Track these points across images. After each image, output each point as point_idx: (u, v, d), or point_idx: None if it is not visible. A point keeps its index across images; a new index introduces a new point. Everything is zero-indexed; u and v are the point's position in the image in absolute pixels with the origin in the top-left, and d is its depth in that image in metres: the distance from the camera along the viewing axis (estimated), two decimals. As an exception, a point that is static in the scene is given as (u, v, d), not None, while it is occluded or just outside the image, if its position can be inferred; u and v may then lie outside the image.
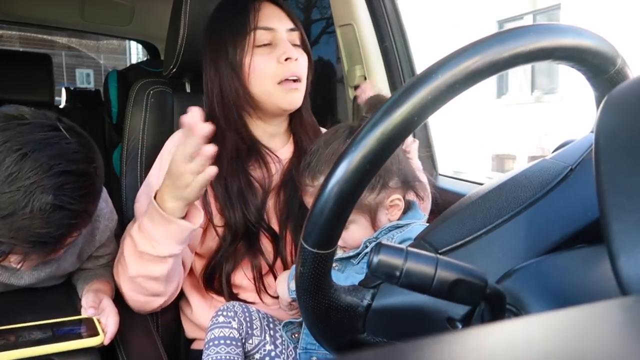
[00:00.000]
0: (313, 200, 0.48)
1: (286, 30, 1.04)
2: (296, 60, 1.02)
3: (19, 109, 0.74)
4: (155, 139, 1.15)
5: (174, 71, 1.17)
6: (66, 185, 0.70)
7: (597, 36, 0.48)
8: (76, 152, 0.73)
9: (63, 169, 0.70)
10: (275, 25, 1.03)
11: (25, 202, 0.67)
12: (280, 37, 1.03)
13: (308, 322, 0.56)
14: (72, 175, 0.71)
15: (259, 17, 1.03)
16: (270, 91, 1.02)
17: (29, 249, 0.72)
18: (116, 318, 0.86)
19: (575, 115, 5.77)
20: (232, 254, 1.00)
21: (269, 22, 1.03)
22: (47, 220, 0.69)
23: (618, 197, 0.34)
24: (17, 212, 0.68)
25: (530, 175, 0.57)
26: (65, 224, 0.72)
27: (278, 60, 1.01)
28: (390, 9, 1.45)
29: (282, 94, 1.02)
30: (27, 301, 0.93)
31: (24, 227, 0.68)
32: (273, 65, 1.01)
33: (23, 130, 0.70)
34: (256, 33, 1.02)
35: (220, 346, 0.88)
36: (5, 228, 0.68)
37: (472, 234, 0.54)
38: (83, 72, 9.94)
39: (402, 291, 0.48)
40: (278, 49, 1.02)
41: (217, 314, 0.92)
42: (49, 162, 0.69)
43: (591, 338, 0.23)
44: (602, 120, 0.39)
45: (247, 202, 1.00)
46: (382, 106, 0.45)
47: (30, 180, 0.67)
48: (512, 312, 0.45)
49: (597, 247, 0.45)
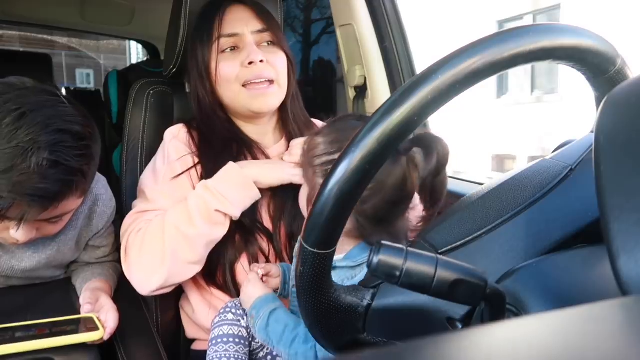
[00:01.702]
0: (313, 200, 0.48)
1: (251, 32, 1.04)
2: (262, 62, 1.01)
3: (21, 79, 0.78)
4: (155, 139, 1.15)
5: (174, 71, 1.17)
6: (62, 143, 0.73)
7: (597, 36, 0.48)
8: (72, 115, 0.77)
9: (59, 127, 0.74)
10: (239, 29, 1.03)
11: (23, 158, 0.70)
12: (245, 41, 1.03)
13: (308, 322, 0.56)
14: (68, 134, 0.75)
15: (223, 24, 1.03)
16: (237, 95, 1.03)
17: (27, 204, 0.73)
18: (115, 314, 0.86)
19: (575, 115, 5.78)
20: (231, 246, 1.00)
21: (233, 27, 1.03)
22: (44, 176, 0.72)
23: (618, 197, 0.34)
24: (16, 167, 0.70)
25: (530, 175, 0.57)
26: (61, 180, 0.74)
27: (242, 64, 1.02)
28: (390, 9, 1.45)
29: (249, 98, 1.03)
30: (26, 302, 0.93)
31: (22, 181, 0.71)
32: (237, 69, 1.02)
33: (22, 93, 0.75)
34: (220, 41, 1.03)
35: (229, 344, 0.87)
36: (4, 183, 0.71)
37: (472, 234, 0.54)
38: (83, 72, 9.93)
39: (402, 291, 0.48)
40: (242, 52, 1.02)
41: (226, 311, 0.91)
42: (46, 121, 0.73)
43: (591, 338, 0.23)
44: (602, 120, 0.39)
45: None
46: (382, 106, 0.45)
47: (28, 137, 0.71)
48: (512, 312, 0.45)
49: (597, 247, 0.45)
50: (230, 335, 0.88)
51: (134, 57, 8.13)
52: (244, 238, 1.01)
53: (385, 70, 1.46)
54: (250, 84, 1.02)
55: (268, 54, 1.04)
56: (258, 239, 1.02)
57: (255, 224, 1.02)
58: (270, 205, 1.04)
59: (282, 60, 1.06)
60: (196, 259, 0.95)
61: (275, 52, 1.05)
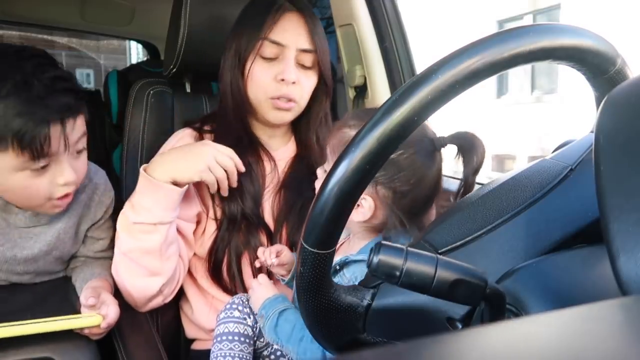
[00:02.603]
0: (313, 200, 0.48)
1: (297, 49, 0.99)
2: (293, 84, 0.99)
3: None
4: (155, 139, 1.15)
5: (174, 71, 1.17)
6: (60, 75, 0.83)
7: (597, 36, 0.48)
8: (60, 67, 0.86)
9: (46, 62, 0.83)
10: (286, 41, 0.99)
11: (38, 77, 0.79)
12: (287, 55, 0.99)
13: (308, 321, 0.56)
14: (57, 69, 0.84)
15: (274, 28, 0.99)
16: (261, 102, 1.02)
17: (59, 118, 0.80)
18: (116, 308, 0.87)
19: (575, 115, 5.78)
20: (234, 243, 1.00)
21: (281, 36, 0.99)
22: (58, 89, 0.80)
23: (618, 197, 0.34)
24: (33, 87, 0.79)
25: (530, 175, 0.57)
26: (72, 90, 0.83)
27: (275, 77, 0.99)
28: (390, 9, 1.45)
29: (271, 109, 1.02)
30: (27, 303, 0.93)
31: (45, 97, 0.79)
32: (268, 80, 1.00)
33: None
34: (264, 43, 0.99)
35: (234, 342, 0.87)
36: (38, 107, 0.78)
37: (472, 234, 0.54)
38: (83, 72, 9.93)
39: (402, 291, 0.48)
40: (279, 65, 0.99)
41: (232, 307, 0.91)
42: (35, 62, 0.82)
43: (591, 338, 0.23)
44: (602, 120, 0.39)
45: (243, 191, 1.01)
46: (382, 106, 0.45)
47: (19, 74, 0.78)
48: (512, 312, 0.45)
49: (597, 247, 0.45)
50: (236, 333, 0.88)
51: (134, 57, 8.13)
52: (247, 232, 1.01)
53: (385, 70, 1.46)
54: (276, 99, 1.00)
55: (303, 74, 1.01)
56: (260, 237, 1.02)
57: (259, 222, 1.02)
58: (274, 208, 1.04)
59: (313, 83, 1.03)
60: (146, 273, 0.94)
61: (310, 75, 1.02)
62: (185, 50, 1.13)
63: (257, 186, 1.03)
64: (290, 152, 1.11)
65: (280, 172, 1.08)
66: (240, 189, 1.00)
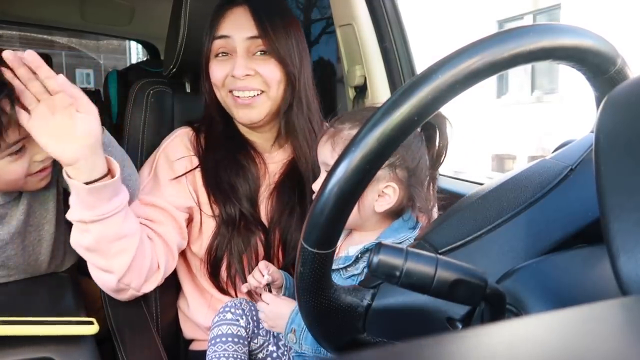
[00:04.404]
0: (313, 200, 0.48)
1: (244, 38, 0.97)
2: (248, 76, 0.97)
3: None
4: (155, 139, 1.15)
5: (174, 71, 1.17)
6: None
7: (597, 36, 0.48)
8: None
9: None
10: (231, 32, 0.98)
11: None
12: (235, 47, 0.98)
13: (308, 321, 0.56)
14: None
15: (222, 24, 1.00)
16: (225, 101, 1.02)
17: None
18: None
19: (575, 115, 5.78)
20: (234, 242, 1.00)
21: (226, 29, 0.99)
22: None
23: (618, 197, 0.34)
24: None
25: (530, 175, 0.57)
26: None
27: (227, 74, 0.99)
28: (390, 9, 1.45)
29: (234, 107, 1.01)
30: (27, 303, 0.93)
31: None
32: (222, 77, 0.99)
33: None
34: (214, 42, 1.00)
35: (228, 344, 0.87)
36: None
37: (472, 234, 0.54)
38: (83, 72, 9.94)
39: (402, 291, 0.48)
40: (231, 61, 0.99)
41: (225, 310, 0.91)
42: None
43: (591, 338, 0.23)
44: (602, 120, 0.39)
45: (236, 190, 1.01)
46: (382, 106, 0.45)
47: None
48: (512, 312, 0.45)
49: (597, 247, 0.45)
50: (229, 334, 0.88)
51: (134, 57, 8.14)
52: (247, 232, 1.01)
53: (385, 70, 1.46)
54: (236, 93, 0.99)
55: (259, 63, 0.98)
56: (259, 236, 1.02)
57: (257, 222, 1.02)
58: (268, 209, 1.05)
59: (274, 71, 0.99)
60: (96, 268, 0.89)
61: (267, 62, 0.98)
62: (185, 50, 1.13)
63: (252, 186, 1.03)
64: (287, 155, 1.10)
65: (274, 174, 1.07)
66: (233, 188, 1.01)
